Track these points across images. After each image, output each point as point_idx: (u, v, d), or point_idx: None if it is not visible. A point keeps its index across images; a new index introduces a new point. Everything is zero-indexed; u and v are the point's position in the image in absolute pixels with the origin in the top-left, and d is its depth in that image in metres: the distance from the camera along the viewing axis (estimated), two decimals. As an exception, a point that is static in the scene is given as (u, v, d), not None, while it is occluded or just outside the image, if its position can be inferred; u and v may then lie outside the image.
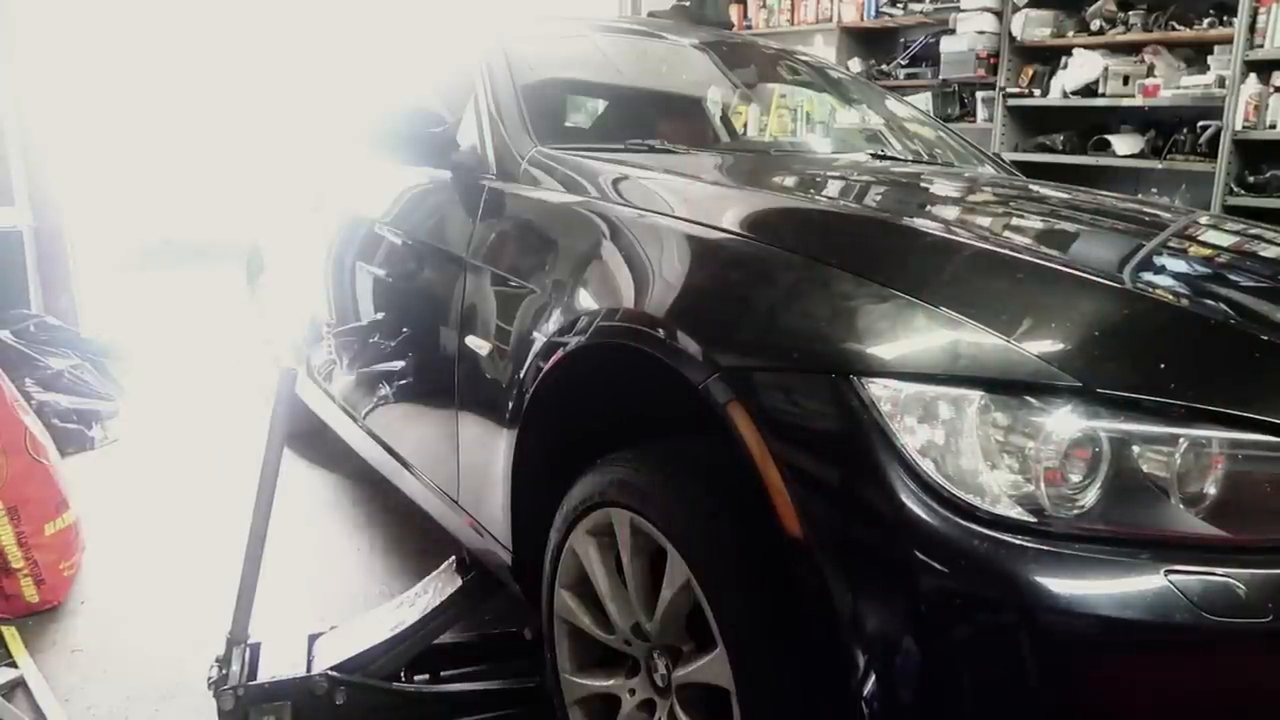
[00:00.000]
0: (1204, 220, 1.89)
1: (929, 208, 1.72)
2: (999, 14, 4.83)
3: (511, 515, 1.63)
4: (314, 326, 2.67)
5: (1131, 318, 1.10)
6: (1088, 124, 4.71)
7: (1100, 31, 4.52)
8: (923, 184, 1.97)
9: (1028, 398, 0.98)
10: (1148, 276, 1.30)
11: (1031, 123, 4.95)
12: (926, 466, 0.97)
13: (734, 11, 5.91)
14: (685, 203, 1.48)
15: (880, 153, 2.42)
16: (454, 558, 1.95)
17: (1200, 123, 4.20)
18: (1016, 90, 4.82)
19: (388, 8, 5.30)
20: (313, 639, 1.81)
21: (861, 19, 5.50)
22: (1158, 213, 1.84)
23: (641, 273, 1.38)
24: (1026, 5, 4.71)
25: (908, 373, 1.01)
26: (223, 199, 6.51)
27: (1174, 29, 4.29)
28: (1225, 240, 1.69)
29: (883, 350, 1.04)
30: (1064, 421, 0.96)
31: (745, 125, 2.62)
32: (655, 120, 2.31)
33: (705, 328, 1.22)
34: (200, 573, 2.42)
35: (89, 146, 4.47)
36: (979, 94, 5.03)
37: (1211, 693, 0.94)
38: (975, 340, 1.02)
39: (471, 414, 1.75)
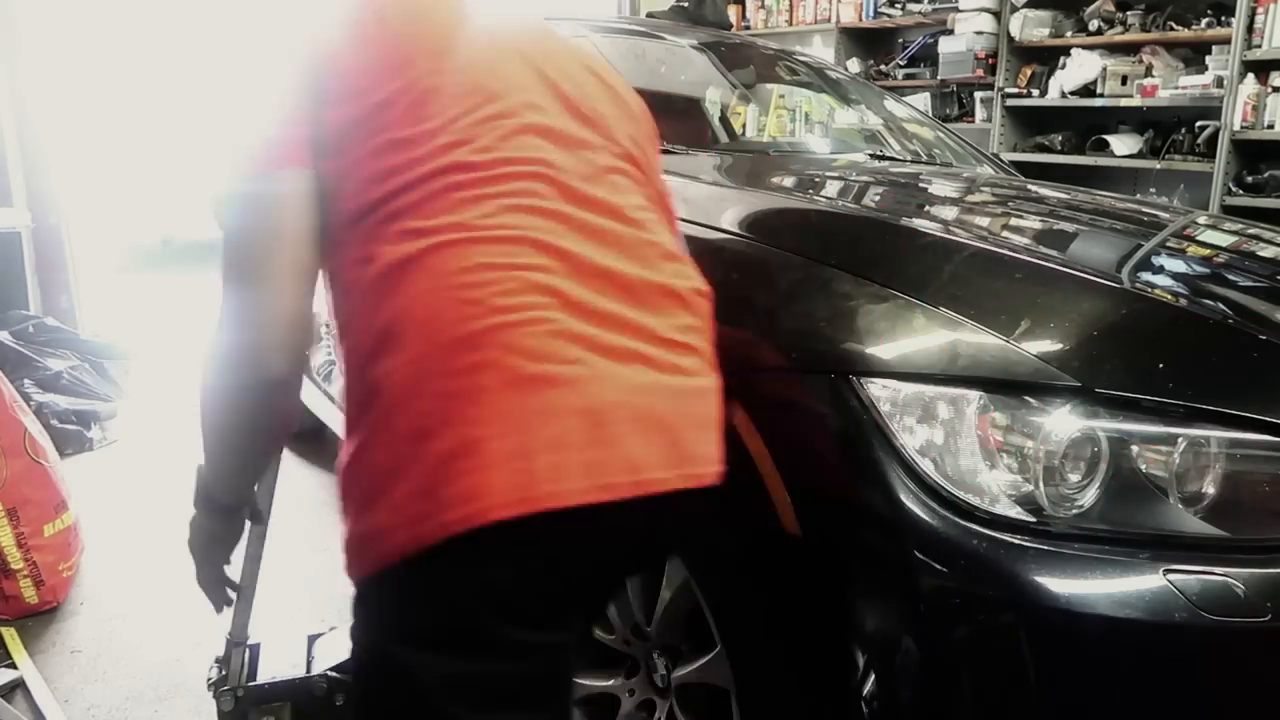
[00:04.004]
0: (1202, 220, 1.89)
1: (928, 208, 1.73)
2: (997, 14, 4.83)
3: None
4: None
5: (1130, 318, 1.10)
6: (1086, 124, 4.71)
7: (1098, 32, 4.52)
8: (921, 184, 1.97)
9: (1027, 398, 0.98)
10: (1147, 276, 1.31)
11: (1030, 123, 4.95)
12: (926, 466, 0.98)
13: (732, 12, 5.91)
14: (684, 203, 1.47)
15: (879, 153, 2.42)
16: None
17: (1198, 123, 4.20)
18: (1015, 90, 4.82)
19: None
20: (313, 639, 1.80)
21: (860, 19, 5.50)
22: (1156, 213, 1.84)
23: (641, 273, 1.38)
24: (1024, 6, 4.72)
25: (907, 373, 1.01)
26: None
27: (1172, 29, 4.29)
28: (1224, 240, 1.69)
29: (882, 350, 1.04)
30: (1063, 421, 0.96)
31: (744, 126, 2.62)
32: (653, 120, 2.31)
33: (705, 328, 1.22)
34: (200, 573, 2.42)
35: (88, 147, 4.46)
36: (977, 94, 5.03)
37: (1211, 692, 0.94)
38: (974, 340, 1.02)
39: (471, 414, 1.75)
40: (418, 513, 0.77)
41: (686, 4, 4.78)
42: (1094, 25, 4.54)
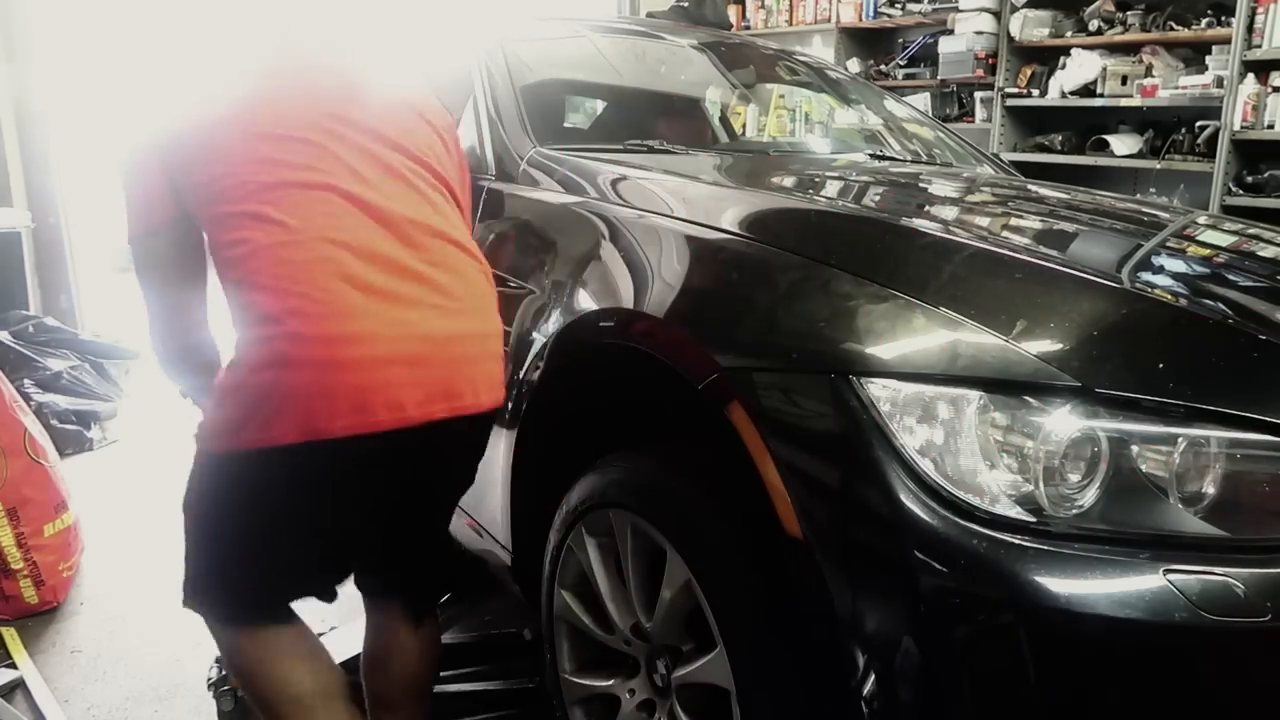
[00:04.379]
0: (1202, 220, 1.90)
1: (928, 208, 1.73)
2: (997, 14, 4.84)
3: (511, 516, 1.63)
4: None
5: (1130, 318, 1.10)
6: (1086, 124, 4.71)
7: (1098, 32, 4.53)
8: (921, 184, 1.97)
9: (1027, 397, 0.98)
10: (1147, 276, 1.31)
11: (1030, 123, 4.96)
12: (926, 466, 0.97)
13: (732, 12, 5.91)
14: (684, 203, 1.48)
15: (879, 153, 2.42)
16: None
17: (1198, 123, 4.21)
18: (1015, 90, 4.82)
19: (386, 8, 5.29)
20: (312, 639, 1.80)
21: (860, 19, 5.50)
22: (1156, 213, 1.84)
23: (641, 273, 1.38)
24: (1025, 5, 4.72)
25: (907, 373, 1.01)
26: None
27: (1172, 29, 4.29)
28: (1224, 240, 1.69)
29: (882, 350, 1.04)
30: (1063, 421, 0.96)
31: (744, 126, 2.62)
32: (654, 121, 2.31)
33: (704, 328, 1.22)
34: (200, 573, 2.42)
35: (88, 147, 4.46)
36: (977, 94, 5.04)
37: (1211, 692, 0.94)
38: (974, 340, 1.02)
39: (471, 414, 1.75)
40: (237, 429, 1.20)
41: (686, 4, 4.77)
42: (1094, 25, 4.54)
